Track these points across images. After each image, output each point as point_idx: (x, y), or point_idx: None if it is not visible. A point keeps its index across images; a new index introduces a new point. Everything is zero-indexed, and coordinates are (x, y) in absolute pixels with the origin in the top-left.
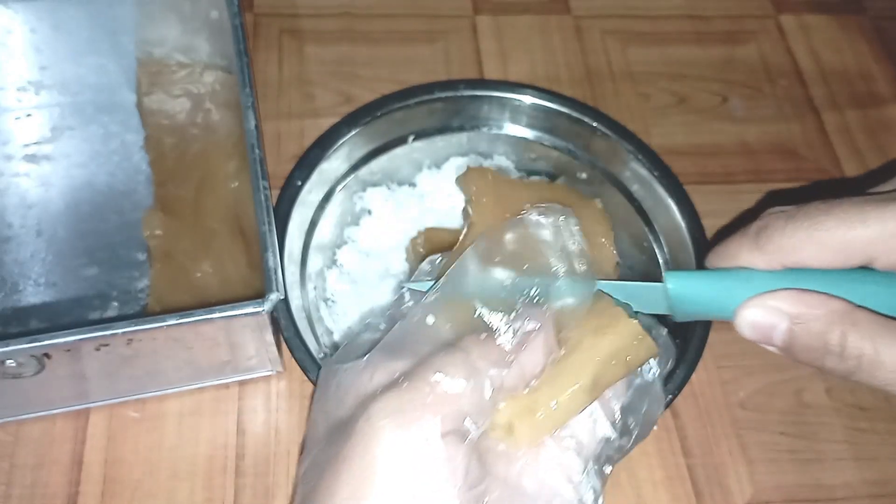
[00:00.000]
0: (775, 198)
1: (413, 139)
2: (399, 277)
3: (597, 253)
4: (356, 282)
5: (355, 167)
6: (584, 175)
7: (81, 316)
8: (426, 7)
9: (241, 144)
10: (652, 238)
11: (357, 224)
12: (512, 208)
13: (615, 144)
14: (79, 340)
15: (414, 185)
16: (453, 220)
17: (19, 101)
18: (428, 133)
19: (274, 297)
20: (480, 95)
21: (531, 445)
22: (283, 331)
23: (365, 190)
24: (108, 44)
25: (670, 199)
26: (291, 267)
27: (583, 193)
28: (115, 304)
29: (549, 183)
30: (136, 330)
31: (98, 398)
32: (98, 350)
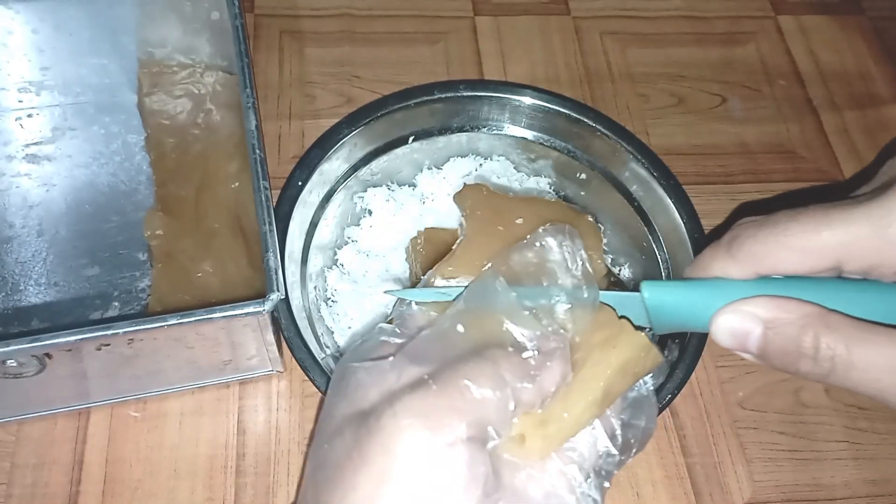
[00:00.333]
0: (746, 208)
1: (413, 140)
2: (399, 277)
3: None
4: (356, 282)
5: (356, 168)
6: (584, 175)
7: (82, 316)
8: (426, 8)
9: (242, 145)
10: (651, 238)
11: (357, 224)
12: (503, 221)
13: (614, 145)
14: (80, 340)
15: (414, 186)
16: (453, 221)
17: (20, 102)
18: (428, 133)
19: (274, 297)
20: (480, 96)
21: (541, 457)
22: (284, 330)
23: (365, 190)
24: (110, 44)
25: (669, 200)
26: (292, 267)
27: (576, 209)
28: (117, 304)
29: (542, 198)
30: (137, 330)
31: (99, 398)
32: (99, 350)
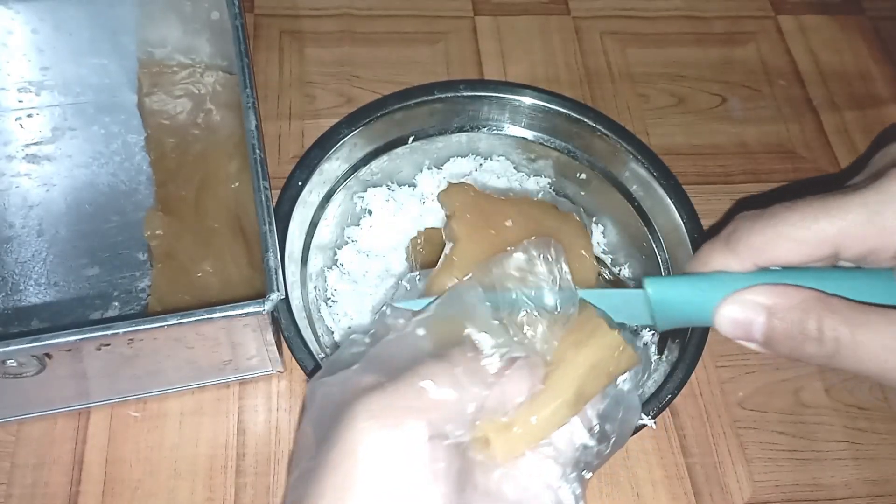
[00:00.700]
0: (745, 203)
1: (413, 139)
2: (399, 277)
3: (578, 265)
4: (356, 282)
5: (356, 167)
6: (584, 175)
7: (82, 316)
8: (426, 8)
9: (242, 145)
10: (651, 238)
11: (357, 224)
12: (493, 224)
13: (614, 145)
14: (80, 340)
15: (414, 186)
16: None
17: (20, 102)
18: (428, 133)
19: (275, 297)
20: (480, 96)
21: (508, 459)
22: (284, 330)
23: (365, 190)
24: (110, 44)
25: (669, 200)
26: (292, 267)
27: (563, 209)
28: (117, 304)
29: (529, 198)
30: (137, 330)
31: (99, 398)
32: (99, 350)
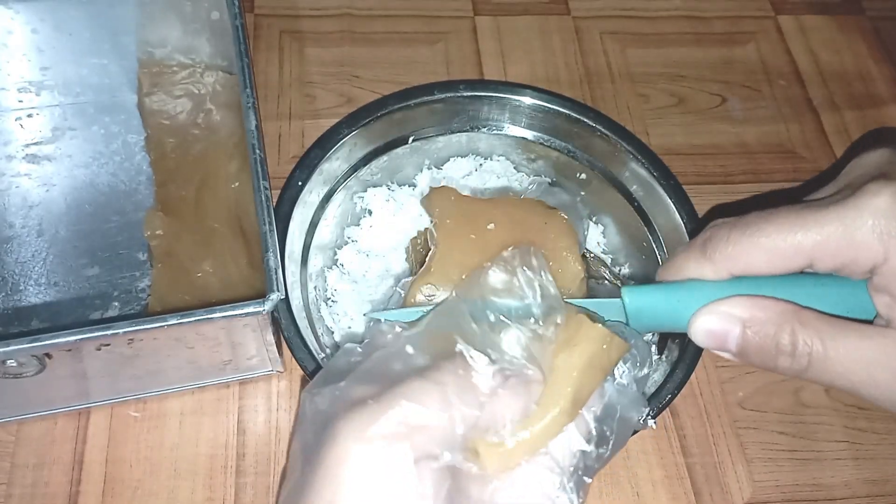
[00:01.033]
0: (718, 210)
1: (413, 139)
2: (399, 277)
3: (561, 266)
4: (356, 282)
5: (356, 167)
6: (584, 175)
7: (82, 316)
8: (426, 8)
9: (242, 145)
10: (651, 238)
11: (357, 224)
12: (476, 227)
13: (614, 145)
14: (80, 340)
15: (414, 186)
16: None
17: (20, 102)
18: (428, 133)
19: (275, 297)
20: (480, 96)
21: (499, 472)
22: (284, 330)
23: (365, 190)
24: (110, 44)
25: (669, 200)
26: (292, 267)
27: (549, 206)
28: (117, 304)
29: (513, 198)
30: (137, 330)
31: (99, 398)
32: (99, 350)
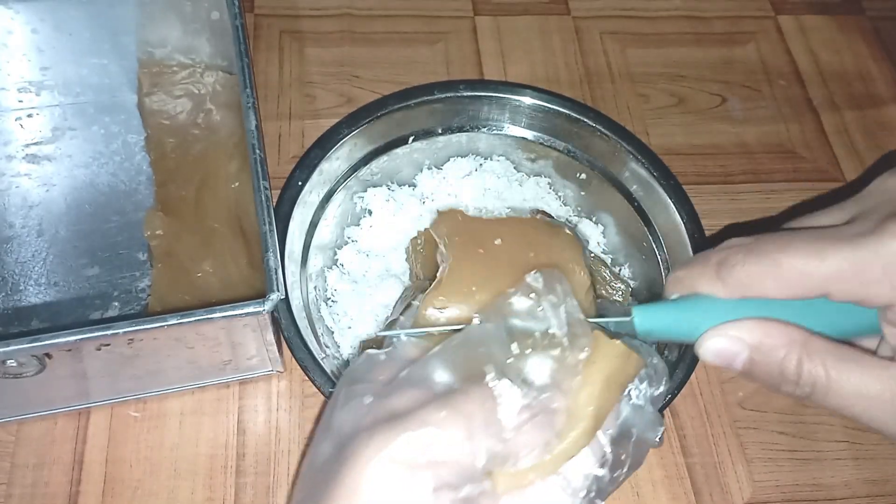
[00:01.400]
0: (732, 230)
1: (413, 139)
2: (399, 278)
3: (567, 277)
4: (356, 282)
5: (356, 167)
6: (584, 175)
7: (82, 316)
8: (426, 8)
9: (242, 145)
10: (651, 238)
11: (357, 224)
12: (484, 242)
13: (614, 145)
14: (80, 340)
15: (414, 186)
16: None
17: (20, 102)
18: (428, 133)
19: (275, 297)
20: (480, 96)
21: (510, 491)
22: (284, 330)
23: (365, 190)
24: (110, 44)
25: (669, 200)
26: (292, 267)
27: (552, 222)
28: (117, 304)
29: (518, 217)
30: (137, 330)
31: (99, 398)
32: (99, 350)
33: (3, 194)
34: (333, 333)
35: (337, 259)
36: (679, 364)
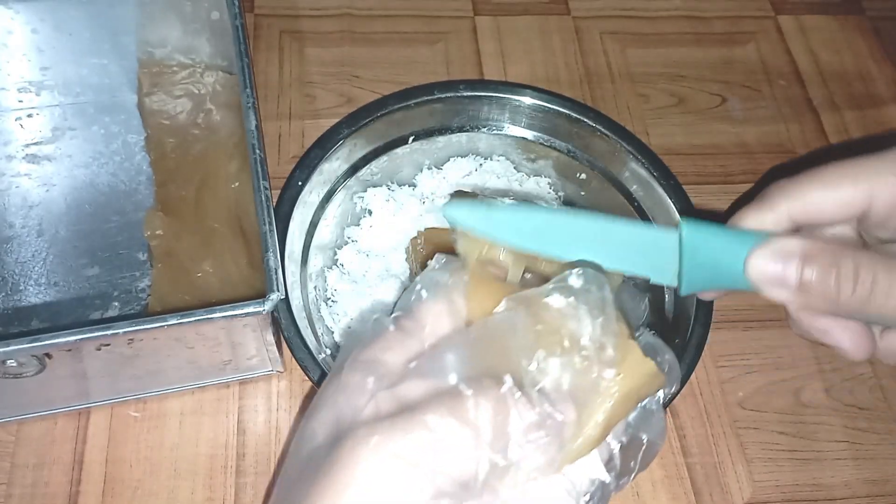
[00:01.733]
0: (776, 172)
1: (413, 140)
2: (399, 277)
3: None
4: (356, 282)
5: (356, 167)
6: (584, 175)
7: (82, 316)
8: (426, 8)
9: (242, 145)
10: None
11: (357, 224)
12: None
13: (614, 145)
14: (80, 340)
15: (414, 186)
16: None
17: (20, 102)
18: (428, 133)
19: (275, 297)
20: (480, 96)
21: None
22: (284, 330)
23: (365, 190)
24: (110, 44)
25: (669, 200)
26: (292, 267)
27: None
28: (117, 304)
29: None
30: (137, 330)
31: (99, 398)
32: (99, 350)
33: (3, 194)
34: (333, 333)
35: (337, 259)
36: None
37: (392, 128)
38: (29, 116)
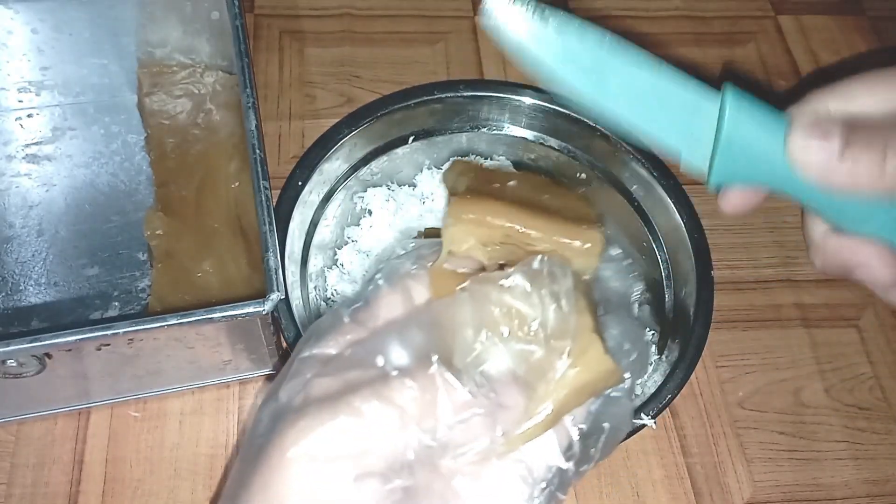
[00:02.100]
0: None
1: (413, 140)
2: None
3: (579, 235)
4: (356, 282)
5: (356, 167)
6: (584, 175)
7: (83, 316)
8: (426, 8)
9: (242, 145)
10: (651, 238)
11: (357, 224)
12: (499, 181)
13: (614, 145)
14: (80, 340)
15: (414, 186)
16: None
17: (20, 102)
18: (428, 133)
19: (275, 297)
20: (480, 96)
21: (461, 477)
22: (284, 330)
23: (365, 190)
24: (110, 44)
25: (669, 200)
26: (292, 267)
27: (568, 186)
28: (117, 304)
29: (535, 175)
30: (137, 330)
31: (99, 398)
32: (99, 350)
33: (3, 194)
34: None
35: (337, 259)
36: (679, 364)
37: (392, 128)
38: (29, 116)
